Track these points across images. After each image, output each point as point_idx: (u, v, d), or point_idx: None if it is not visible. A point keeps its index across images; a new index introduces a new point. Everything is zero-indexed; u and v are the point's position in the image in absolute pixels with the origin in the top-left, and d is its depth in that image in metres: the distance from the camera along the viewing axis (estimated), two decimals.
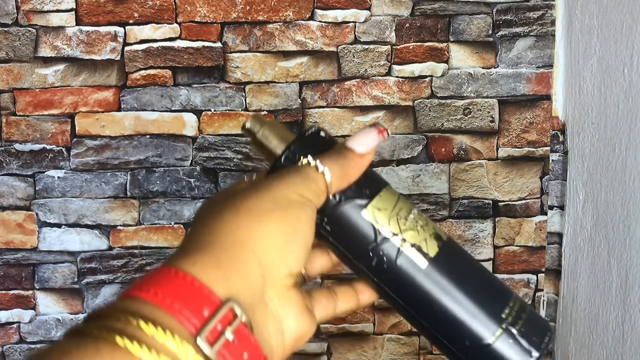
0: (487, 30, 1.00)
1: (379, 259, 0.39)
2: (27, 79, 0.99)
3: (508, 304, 0.39)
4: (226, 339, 0.32)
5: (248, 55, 1.00)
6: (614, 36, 0.88)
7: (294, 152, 0.42)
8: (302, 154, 0.42)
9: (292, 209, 0.38)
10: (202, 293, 0.33)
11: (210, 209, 0.39)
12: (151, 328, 0.31)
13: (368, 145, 0.42)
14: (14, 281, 1.03)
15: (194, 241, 0.36)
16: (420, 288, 0.39)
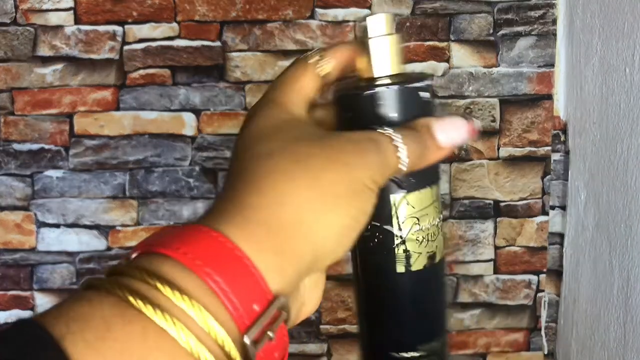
0: (488, 30, 1.00)
1: (371, 237, 0.39)
2: (26, 78, 0.99)
3: (431, 344, 0.40)
4: (269, 338, 0.29)
5: (248, 55, 0.99)
6: (616, 35, 0.87)
7: (388, 95, 0.37)
8: (393, 107, 0.36)
9: (362, 198, 0.33)
10: (258, 286, 0.29)
11: (267, 159, 0.33)
12: (202, 317, 0.27)
13: (454, 140, 0.36)
14: (12, 282, 1.03)
15: (247, 205, 0.31)
16: (383, 281, 0.40)
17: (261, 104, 0.37)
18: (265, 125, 0.35)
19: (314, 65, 0.39)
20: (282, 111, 0.37)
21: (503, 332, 1.06)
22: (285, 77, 0.39)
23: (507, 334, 1.07)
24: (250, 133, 0.35)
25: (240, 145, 0.35)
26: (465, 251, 1.05)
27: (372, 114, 0.37)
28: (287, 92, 0.38)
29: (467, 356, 1.07)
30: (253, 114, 0.37)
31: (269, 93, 0.38)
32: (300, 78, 0.39)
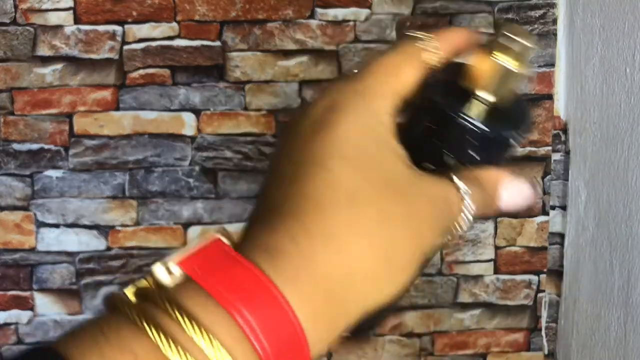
0: (488, 29, 1.00)
1: None
2: (25, 78, 0.99)
3: None
4: None
5: (247, 54, 0.99)
6: (616, 35, 0.87)
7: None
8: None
9: (419, 267, 0.29)
10: (301, 347, 0.26)
11: (349, 206, 0.28)
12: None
13: (514, 205, 0.34)
14: (12, 282, 1.02)
15: (307, 252, 0.27)
16: None
17: (345, 92, 0.31)
18: (347, 136, 0.29)
19: (421, 51, 0.32)
20: (371, 116, 0.30)
21: (503, 332, 1.06)
22: (385, 61, 0.32)
23: (508, 334, 1.06)
24: (325, 135, 0.29)
25: (308, 142, 0.30)
26: (465, 251, 1.05)
27: (455, 138, 0.32)
28: (382, 83, 0.31)
29: (467, 356, 1.07)
30: (332, 103, 0.30)
31: (358, 78, 0.31)
32: (402, 65, 0.32)
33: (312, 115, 0.31)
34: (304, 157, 0.29)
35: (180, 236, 1.03)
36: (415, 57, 0.32)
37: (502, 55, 0.31)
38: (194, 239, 0.33)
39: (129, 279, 1.03)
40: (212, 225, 1.02)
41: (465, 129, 0.32)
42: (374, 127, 0.30)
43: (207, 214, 1.02)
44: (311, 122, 0.30)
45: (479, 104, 0.32)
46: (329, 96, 0.31)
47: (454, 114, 0.32)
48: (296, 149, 0.30)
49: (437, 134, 0.32)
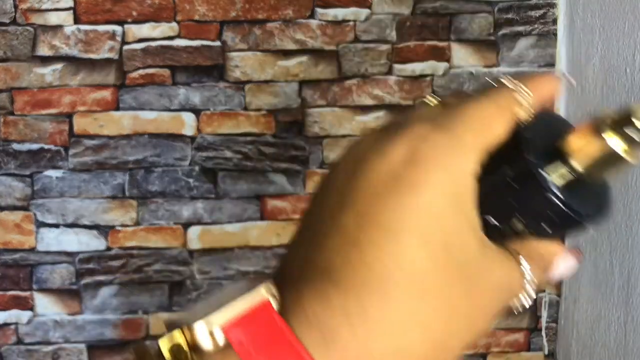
0: (488, 29, 1.00)
1: None
2: (25, 78, 0.99)
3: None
4: None
5: (247, 54, 0.99)
6: (616, 35, 0.87)
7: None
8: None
9: (466, 348, 0.28)
10: None
11: (419, 298, 0.26)
12: None
13: (561, 276, 0.32)
14: (12, 282, 1.02)
15: (363, 333, 0.25)
16: None
17: (432, 143, 0.27)
18: (430, 205, 0.26)
19: (515, 103, 0.29)
20: (458, 178, 0.27)
21: (503, 332, 1.06)
22: (479, 112, 0.28)
23: (508, 334, 1.06)
24: (404, 199, 0.26)
25: (381, 199, 0.26)
26: None
27: (533, 204, 0.29)
28: (475, 137, 0.27)
29: (467, 356, 1.07)
30: (415, 155, 0.26)
31: (448, 127, 0.27)
32: (496, 118, 0.28)
33: (388, 162, 0.27)
34: (372, 216, 0.26)
35: (180, 236, 1.02)
36: (509, 109, 0.29)
37: (617, 137, 0.28)
38: (236, 288, 0.26)
39: (129, 279, 1.03)
40: (212, 225, 1.02)
41: (548, 199, 0.28)
42: (459, 193, 0.27)
43: (207, 213, 1.02)
44: (387, 172, 0.26)
45: (568, 175, 0.29)
46: (409, 141, 0.27)
47: (541, 177, 0.28)
48: (362, 200, 0.26)
49: (515, 194, 0.29)
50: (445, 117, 0.28)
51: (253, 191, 1.01)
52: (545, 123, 0.30)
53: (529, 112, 0.29)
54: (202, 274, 1.03)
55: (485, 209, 0.28)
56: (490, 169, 0.29)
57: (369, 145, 0.28)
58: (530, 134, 0.29)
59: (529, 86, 0.29)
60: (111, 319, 1.03)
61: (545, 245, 0.30)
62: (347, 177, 0.27)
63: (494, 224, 0.29)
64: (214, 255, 1.03)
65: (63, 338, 1.03)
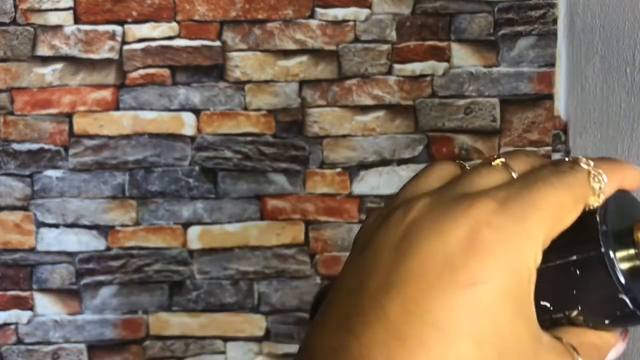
0: (488, 29, 1.00)
1: None
2: (25, 78, 0.99)
3: None
4: None
5: (247, 54, 0.99)
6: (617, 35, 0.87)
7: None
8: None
9: None
10: None
11: None
12: None
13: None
14: (12, 282, 1.02)
15: None
16: None
17: (497, 229, 0.24)
18: (488, 305, 0.23)
19: (591, 191, 0.26)
20: (521, 273, 0.24)
21: None
22: (553, 199, 0.25)
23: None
24: (461, 296, 0.23)
25: (434, 290, 0.23)
26: None
27: (597, 300, 0.27)
28: (544, 226, 0.25)
29: None
30: (477, 242, 0.24)
31: (515, 212, 0.24)
32: (569, 208, 0.26)
33: (445, 244, 0.24)
34: (422, 310, 0.23)
35: (180, 236, 1.02)
36: (583, 198, 0.26)
37: None
38: None
39: (129, 279, 1.03)
40: (212, 225, 1.02)
41: (617, 297, 0.26)
42: (520, 293, 0.24)
43: (207, 213, 1.02)
44: (443, 258, 0.23)
45: (634, 264, 0.26)
46: (471, 223, 0.24)
47: (613, 270, 0.26)
48: (412, 287, 0.23)
49: (578, 283, 0.26)
50: (514, 199, 0.25)
51: (253, 191, 1.01)
52: (618, 207, 0.27)
53: (602, 199, 0.26)
54: (202, 274, 1.03)
55: (542, 295, 0.26)
56: (550, 252, 0.26)
57: (426, 213, 0.25)
58: (602, 219, 0.26)
59: (606, 171, 0.27)
60: (111, 319, 1.03)
61: (601, 337, 0.28)
62: (397, 253, 0.24)
63: (549, 310, 0.26)
64: (214, 255, 1.03)
65: (63, 338, 1.03)
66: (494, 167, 0.28)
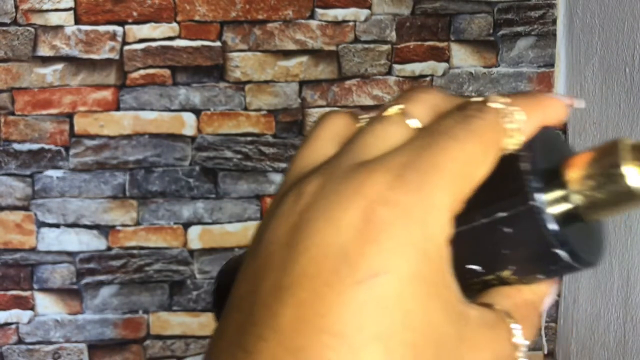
0: (488, 30, 1.00)
1: None
2: (26, 78, 0.99)
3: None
4: None
5: (247, 55, 0.99)
6: (616, 35, 0.87)
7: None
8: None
9: None
10: None
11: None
12: None
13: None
14: (13, 282, 1.02)
15: None
16: None
17: (393, 205, 0.21)
18: (390, 295, 0.20)
19: (504, 134, 0.23)
20: (429, 252, 0.21)
21: None
22: (458, 154, 0.22)
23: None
24: (358, 293, 0.20)
25: (328, 290, 0.20)
26: None
27: (529, 256, 0.24)
28: (450, 188, 0.22)
29: None
30: (372, 224, 0.20)
31: (413, 179, 0.21)
32: (480, 160, 0.22)
33: (337, 232, 0.20)
34: (317, 315, 0.20)
35: (181, 236, 1.02)
36: (496, 143, 0.23)
37: (635, 169, 0.23)
38: None
39: (129, 279, 1.03)
40: (212, 225, 1.02)
41: (551, 252, 0.23)
42: (429, 270, 0.21)
43: (207, 213, 1.02)
44: (336, 250, 0.20)
45: (572, 215, 0.24)
46: (364, 203, 0.21)
47: (543, 224, 0.23)
48: (305, 288, 0.20)
49: (507, 240, 0.24)
50: (411, 165, 0.21)
51: (253, 191, 1.02)
52: (542, 147, 0.24)
53: (520, 141, 0.23)
54: (202, 274, 1.03)
55: (469, 258, 0.23)
56: (472, 209, 0.23)
57: (317, 196, 0.21)
58: (526, 165, 0.23)
59: (524, 107, 0.23)
60: (111, 319, 1.03)
61: (535, 291, 0.25)
62: (288, 249, 0.21)
63: (479, 273, 0.24)
64: (214, 254, 1.03)
65: (64, 337, 1.03)
66: (391, 119, 0.23)
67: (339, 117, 0.25)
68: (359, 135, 0.23)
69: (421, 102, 0.24)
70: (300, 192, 0.22)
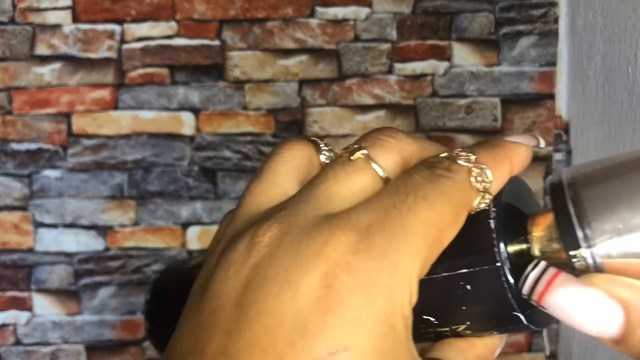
0: (489, 28, 0.99)
1: None
2: (24, 77, 0.98)
3: None
4: None
5: (247, 54, 0.99)
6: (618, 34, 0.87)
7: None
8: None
9: None
10: None
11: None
12: None
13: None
14: (10, 282, 1.02)
15: None
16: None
17: (356, 272, 0.19)
18: (372, 353, 0.19)
19: (475, 195, 0.22)
20: (392, 323, 0.20)
21: None
22: (427, 217, 0.20)
23: (509, 336, 1.06)
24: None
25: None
26: None
27: (488, 315, 0.24)
28: (418, 254, 0.20)
29: None
30: (331, 290, 0.19)
31: (376, 243, 0.20)
32: (446, 224, 0.21)
33: (294, 299, 0.18)
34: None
35: (179, 236, 1.02)
36: (467, 204, 0.22)
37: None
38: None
39: (128, 279, 1.03)
40: (211, 225, 1.02)
41: (515, 316, 0.23)
42: (392, 343, 0.19)
43: (206, 214, 1.01)
44: (292, 319, 0.18)
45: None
46: (325, 268, 0.19)
47: (509, 287, 0.22)
48: (251, 358, 0.18)
49: (468, 299, 0.23)
50: (378, 226, 0.19)
51: None
52: (508, 204, 0.23)
53: (489, 200, 0.22)
54: None
55: (426, 308, 0.22)
56: (436, 261, 0.22)
57: (273, 250, 0.19)
58: (493, 225, 0.22)
59: (491, 162, 0.22)
60: (110, 320, 1.03)
61: (488, 344, 0.25)
62: (239, 310, 0.19)
63: (434, 324, 0.23)
64: None
65: (62, 339, 1.03)
66: (355, 166, 0.22)
67: (299, 147, 0.24)
68: (322, 179, 0.22)
69: (386, 148, 0.23)
70: (255, 240, 0.20)
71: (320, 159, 0.24)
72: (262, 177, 0.23)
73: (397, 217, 0.20)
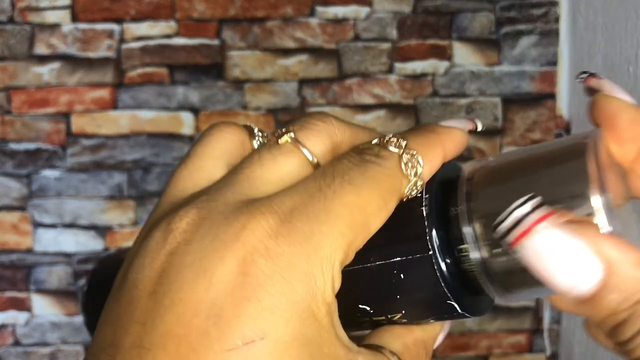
0: (490, 28, 0.99)
1: None
2: (23, 77, 0.98)
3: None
4: None
5: (247, 53, 0.98)
6: (619, 34, 0.87)
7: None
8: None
9: None
10: None
11: None
12: None
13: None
14: (9, 283, 1.02)
15: None
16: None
17: (276, 258, 0.18)
18: (292, 341, 0.18)
19: (404, 181, 0.22)
20: (314, 313, 0.19)
21: (505, 334, 1.05)
22: (354, 203, 0.20)
23: (509, 336, 1.06)
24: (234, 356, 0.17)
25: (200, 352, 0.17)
26: None
27: (423, 303, 0.24)
28: (344, 241, 0.20)
29: (469, 358, 1.06)
30: (249, 277, 0.18)
31: (299, 229, 0.19)
32: (374, 209, 0.21)
33: (209, 287, 0.18)
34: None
35: None
36: (397, 190, 0.21)
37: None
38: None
39: None
40: None
41: (444, 291, 0.22)
42: (313, 330, 0.18)
43: None
44: (207, 308, 0.17)
45: (464, 258, 0.22)
46: (243, 252, 0.18)
47: (440, 263, 0.22)
48: (171, 352, 0.17)
49: (403, 288, 0.22)
50: (301, 209, 0.19)
51: None
52: (441, 190, 0.23)
53: (421, 186, 0.22)
54: None
55: (361, 297, 0.22)
56: (368, 248, 0.21)
57: (190, 236, 0.18)
58: (426, 213, 0.22)
59: (423, 148, 0.22)
60: None
61: (426, 330, 0.24)
62: (154, 300, 0.18)
63: (369, 313, 0.23)
64: None
65: (61, 339, 1.03)
66: (282, 149, 0.21)
67: (229, 131, 0.23)
68: (247, 163, 0.21)
69: (316, 132, 0.22)
70: (171, 227, 0.19)
71: (254, 145, 0.23)
72: (188, 161, 0.23)
73: (321, 201, 0.19)
